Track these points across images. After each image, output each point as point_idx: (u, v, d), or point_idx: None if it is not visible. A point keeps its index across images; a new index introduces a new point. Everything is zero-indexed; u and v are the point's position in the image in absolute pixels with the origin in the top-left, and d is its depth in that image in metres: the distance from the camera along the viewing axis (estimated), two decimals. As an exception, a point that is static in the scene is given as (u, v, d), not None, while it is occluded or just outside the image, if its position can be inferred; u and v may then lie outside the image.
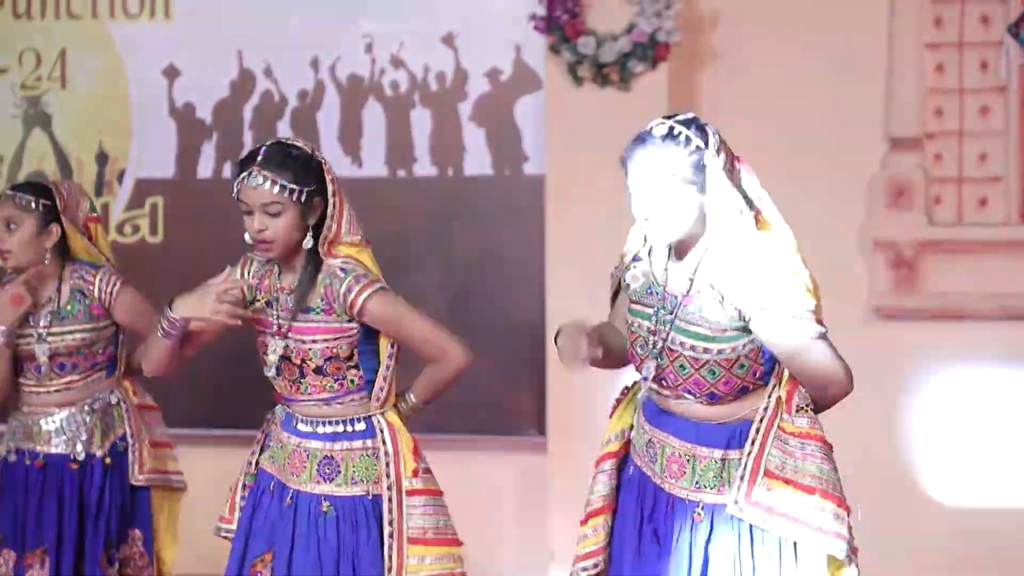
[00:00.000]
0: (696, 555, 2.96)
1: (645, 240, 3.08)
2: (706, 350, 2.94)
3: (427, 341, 3.38)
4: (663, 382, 3.01)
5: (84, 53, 6.40)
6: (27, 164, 6.45)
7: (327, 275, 3.32)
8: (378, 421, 3.40)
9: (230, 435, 5.66)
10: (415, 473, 3.37)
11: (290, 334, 3.33)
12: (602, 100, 5.67)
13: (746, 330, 2.93)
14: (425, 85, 6.16)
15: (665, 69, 5.63)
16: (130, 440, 4.17)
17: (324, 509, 3.35)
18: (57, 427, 4.14)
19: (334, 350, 3.33)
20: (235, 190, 3.30)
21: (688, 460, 2.99)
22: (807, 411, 2.97)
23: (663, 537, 3.00)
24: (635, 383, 3.17)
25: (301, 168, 3.29)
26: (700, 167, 2.91)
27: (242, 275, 3.41)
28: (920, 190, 5.69)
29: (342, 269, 3.31)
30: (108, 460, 4.16)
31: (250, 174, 3.26)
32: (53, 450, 4.14)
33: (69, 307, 4.13)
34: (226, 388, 5.89)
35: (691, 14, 5.75)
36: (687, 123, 2.94)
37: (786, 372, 2.98)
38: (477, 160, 6.12)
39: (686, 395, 2.99)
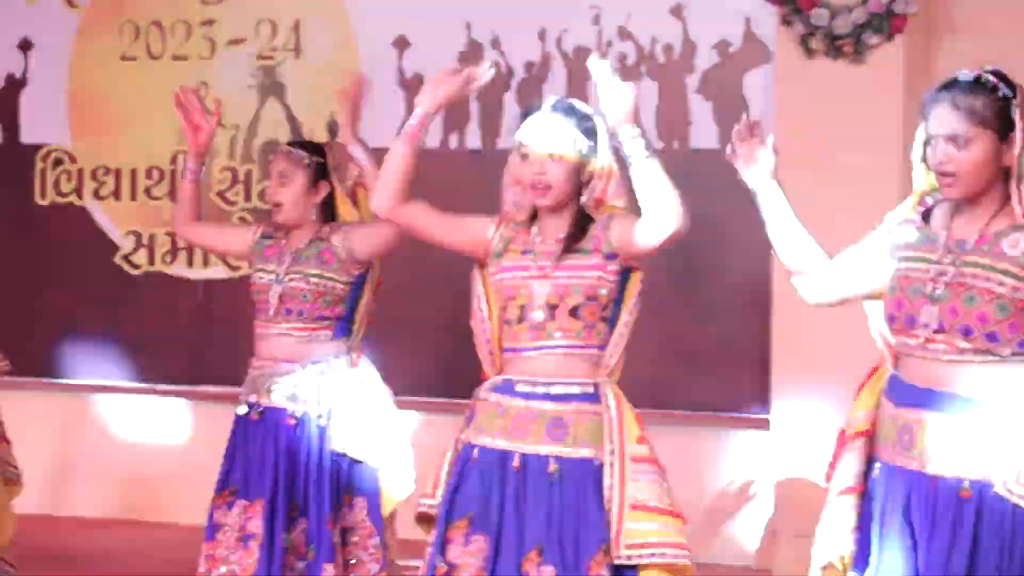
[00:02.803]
0: (961, 534, 2.87)
1: (922, 201, 3.03)
2: (1001, 283, 2.87)
3: None
4: (942, 330, 2.91)
5: (317, 23, 6.53)
6: (262, 133, 6.61)
7: (597, 225, 3.41)
8: (603, 388, 3.41)
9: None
10: (640, 440, 3.37)
11: (555, 272, 3.39)
12: (834, 73, 5.56)
13: None
14: (652, 57, 6.11)
15: (901, 41, 5.49)
16: (337, 406, 4.19)
17: (551, 470, 3.35)
18: (279, 382, 4.21)
19: (596, 289, 3.38)
20: (519, 135, 3.43)
21: (954, 434, 2.89)
22: None
23: (920, 525, 2.91)
24: (877, 368, 3.09)
25: (583, 120, 3.42)
26: (1005, 116, 2.89)
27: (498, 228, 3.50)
28: None
29: (609, 217, 3.41)
30: (324, 422, 4.19)
31: (537, 121, 3.41)
32: (273, 404, 4.21)
33: (307, 252, 4.21)
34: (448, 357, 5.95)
35: (930, -17, 5.59)
36: (995, 73, 2.94)
37: None
38: (703, 133, 6.06)
39: (962, 339, 2.89)
